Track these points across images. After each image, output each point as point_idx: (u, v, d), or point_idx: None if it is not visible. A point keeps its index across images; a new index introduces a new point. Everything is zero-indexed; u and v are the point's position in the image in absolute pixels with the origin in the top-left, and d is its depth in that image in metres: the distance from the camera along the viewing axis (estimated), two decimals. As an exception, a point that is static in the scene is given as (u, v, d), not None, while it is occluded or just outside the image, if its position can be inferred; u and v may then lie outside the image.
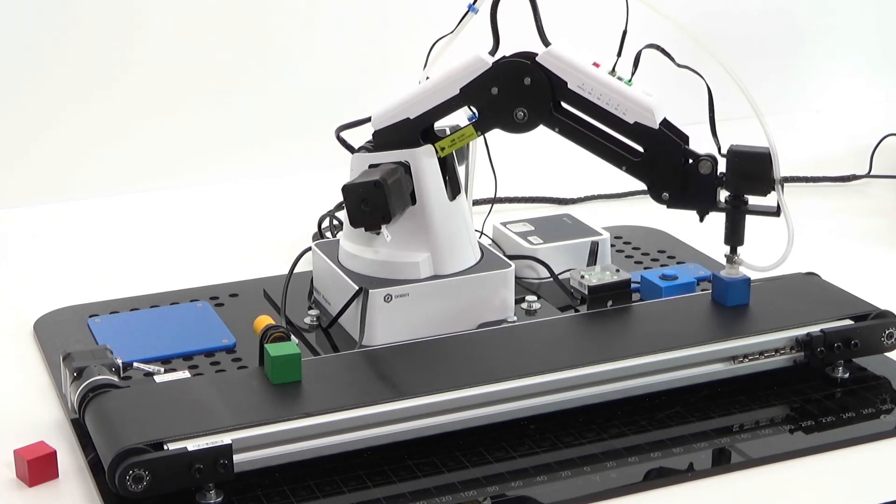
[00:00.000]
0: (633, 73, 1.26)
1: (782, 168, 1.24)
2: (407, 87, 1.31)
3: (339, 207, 1.63)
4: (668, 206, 1.28)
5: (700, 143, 1.27)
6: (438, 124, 1.32)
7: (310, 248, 1.42)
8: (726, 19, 2.12)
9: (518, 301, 1.36)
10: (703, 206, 1.27)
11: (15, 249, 1.66)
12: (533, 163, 1.90)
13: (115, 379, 1.14)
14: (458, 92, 1.28)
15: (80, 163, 1.84)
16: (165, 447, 1.03)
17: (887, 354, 1.28)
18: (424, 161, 1.29)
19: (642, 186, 1.22)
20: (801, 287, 1.34)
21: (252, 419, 1.07)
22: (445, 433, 1.13)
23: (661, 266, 1.52)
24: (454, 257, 1.32)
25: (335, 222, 1.63)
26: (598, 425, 1.17)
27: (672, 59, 1.26)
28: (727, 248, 1.28)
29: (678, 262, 1.53)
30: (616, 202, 1.80)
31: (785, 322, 1.25)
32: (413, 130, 1.30)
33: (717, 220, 1.28)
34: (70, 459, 1.13)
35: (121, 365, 1.16)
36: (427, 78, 1.31)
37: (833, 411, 1.21)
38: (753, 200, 1.26)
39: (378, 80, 1.93)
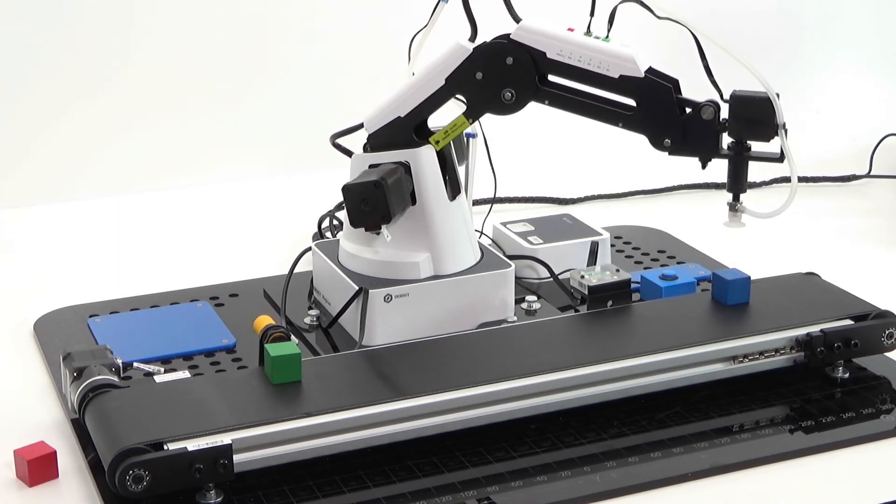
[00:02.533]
0: (608, 30, 1.25)
1: (782, 167, 1.24)
2: (395, 86, 1.31)
3: (339, 207, 1.63)
4: (670, 154, 1.27)
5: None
6: (437, 126, 1.32)
7: (310, 248, 1.42)
8: (726, 19, 2.12)
9: (518, 301, 1.36)
10: (706, 152, 1.26)
11: (15, 249, 1.66)
12: (533, 163, 1.90)
13: (115, 379, 1.14)
14: (443, 82, 1.28)
15: (80, 163, 1.84)
16: (165, 447, 1.03)
17: (887, 354, 1.28)
18: (424, 161, 1.29)
19: (642, 186, 1.23)
20: (801, 287, 1.34)
21: (252, 419, 1.07)
22: (445, 433, 1.13)
23: (661, 266, 1.52)
24: (454, 257, 1.31)
25: (335, 222, 1.63)
26: (598, 425, 1.17)
27: (652, 12, 1.24)
28: (730, 196, 1.27)
29: (678, 262, 1.53)
30: (616, 202, 1.80)
31: (785, 322, 1.25)
32: (406, 129, 1.30)
33: (716, 219, 1.28)
34: (70, 459, 1.13)
35: (121, 365, 1.16)
36: (413, 74, 1.31)
37: (833, 411, 1.21)
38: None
39: (378, 79, 1.93)
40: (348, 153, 1.33)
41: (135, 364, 1.23)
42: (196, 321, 1.38)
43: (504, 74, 1.26)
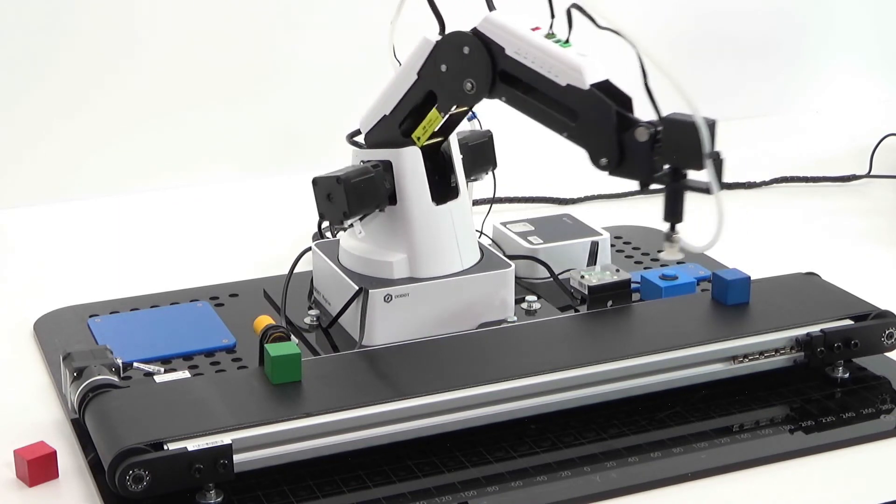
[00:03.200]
0: (568, 34, 1.20)
1: (782, 167, 1.23)
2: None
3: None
4: (609, 174, 1.19)
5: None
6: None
7: (310, 248, 1.42)
8: (727, 19, 2.12)
9: (518, 301, 1.36)
10: (642, 175, 1.18)
11: (15, 249, 1.66)
12: (533, 163, 1.89)
13: (115, 379, 1.14)
14: (416, 77, 1.27)
15: (80, 163, 1.84)
16: (165, 447, 1.03)
17: (887, 354, 1.28)
18: (406, 161, 1.28)
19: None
20: (801, 287, 1.34)
21: (252, 419, 1.07)
22: (445, 433, 1.13)
23: (661, 266, 1.52)
24: (432, 262, 1.30)
25: (335, 222, 1.63)
26: (598, 425, 1.17)
27: (593, 21, 1.18)
28: (666, 226, 1.18)
29: (678, 262, 1.53)
30: (616, 202, 1.80)
31: (785, 322, 1.25)
32: (391, 126, 1.29)
33: (715, 219, 1.27)
34: (70, 459, 1.13)
35: (121, 365, 1.16)
36: (399, 64, 1.31)
37: (833, 411, 1.21)
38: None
39: (379, 78, 1.93)
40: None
41: (135, 364, 1.23)
42: (196, 321, 1.38)
43: (463, 65, 1.24)
